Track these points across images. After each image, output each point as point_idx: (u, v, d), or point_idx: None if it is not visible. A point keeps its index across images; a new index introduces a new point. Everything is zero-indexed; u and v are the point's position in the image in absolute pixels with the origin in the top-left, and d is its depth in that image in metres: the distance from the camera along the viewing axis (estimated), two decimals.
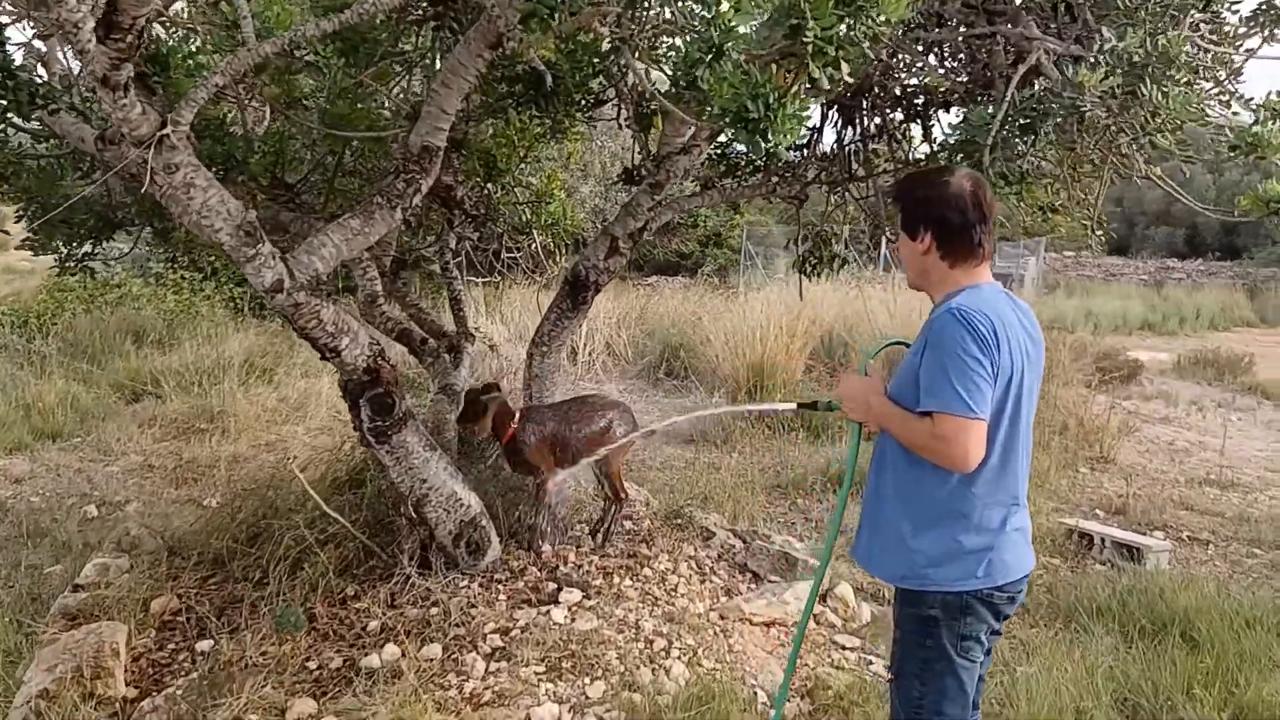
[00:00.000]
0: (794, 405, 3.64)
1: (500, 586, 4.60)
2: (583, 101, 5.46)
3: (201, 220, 3.71)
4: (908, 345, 2.98)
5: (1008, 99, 3.64)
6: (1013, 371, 2.49)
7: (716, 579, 4.97)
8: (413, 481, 4.49)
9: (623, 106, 5.25)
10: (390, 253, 6.39)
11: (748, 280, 19.16)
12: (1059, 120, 3.62)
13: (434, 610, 4.35)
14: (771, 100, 3.08)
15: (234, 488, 6.94)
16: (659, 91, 3.90)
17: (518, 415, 4.74)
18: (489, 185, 6.54)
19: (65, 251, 5.60)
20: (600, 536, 5.16)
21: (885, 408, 2.65)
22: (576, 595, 4.48)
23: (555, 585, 4.59)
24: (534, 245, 7.26)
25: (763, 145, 3.20)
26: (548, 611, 4.33)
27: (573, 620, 4.28)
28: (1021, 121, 3.65)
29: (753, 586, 5.00)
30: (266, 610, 4.40)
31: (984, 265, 2.62)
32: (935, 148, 5.30)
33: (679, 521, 5.69)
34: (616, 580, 4.71)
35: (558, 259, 7.66)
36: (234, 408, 8.80)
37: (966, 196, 2.56)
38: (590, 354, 12.38)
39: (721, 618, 4.49)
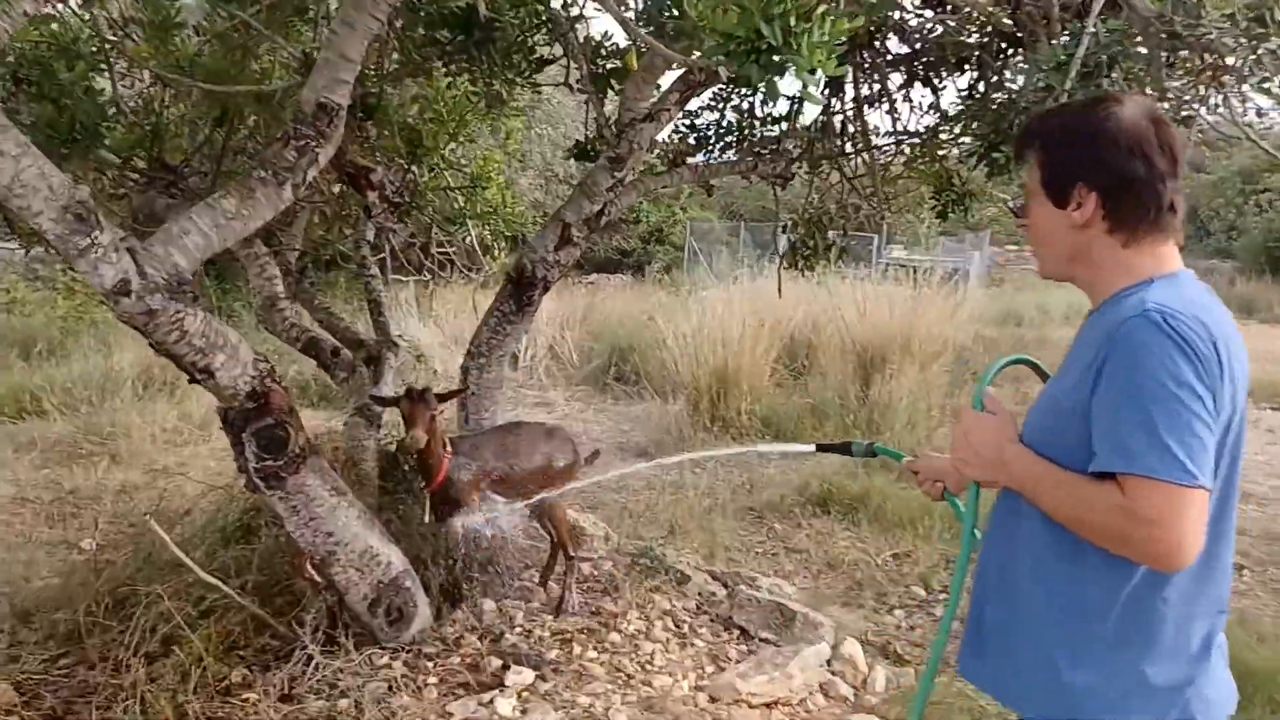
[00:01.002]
0: (812, 448, 2.78)
1: (430, 665, 3.64)
2: (523, 63, 4.53)
3: (14, 199, 2.73)
4: (1036, 365, 2.10)
5: (1089, 31, 2.77)
6: (1233, 411, 1.58)
7: (699, 640, 4.06)
8: (315, 536, 3.51)
9: (574, 65, 4.31)
10: (296, 246, 5.37)
11: (692, 278, 18.32)
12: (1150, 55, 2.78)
13: (343, 702, 3.38)
14: (792, 22, 2.23)
15: (114, 528, 5.89)
16: (633, 24, 2.97)
17: (446, 445, 3.79)
18: (414, 168, 5.56)
19: None
20: (557, 606, 4.21)
21: (1030, 465, 1.73)
22: (528, 676, 3.53)
23: (500, 662, 3.64)
24: (468, 238, 6.28)
25: (778, 86, 2.34)
26: (490, 701, 3.38)
27: (524, 713, 3.33)
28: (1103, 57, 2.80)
29: (743, 648, 4.09)
30: (123, 709, 3.38)
31: (1172, 243, 1.71)
32: (944, 117, 4.47)
33: (646, 562, 4.76)
34: (577, 650, 3.78)
35: (496, 254, 6.71)
36: (127, 428, 7.68)
37: (1148, 137, 1.63)
38: (532, 358, 11.40)
39: (712, 700, 3.58)
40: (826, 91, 4.77)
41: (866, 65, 4.41)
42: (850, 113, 4.80)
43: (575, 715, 3.34)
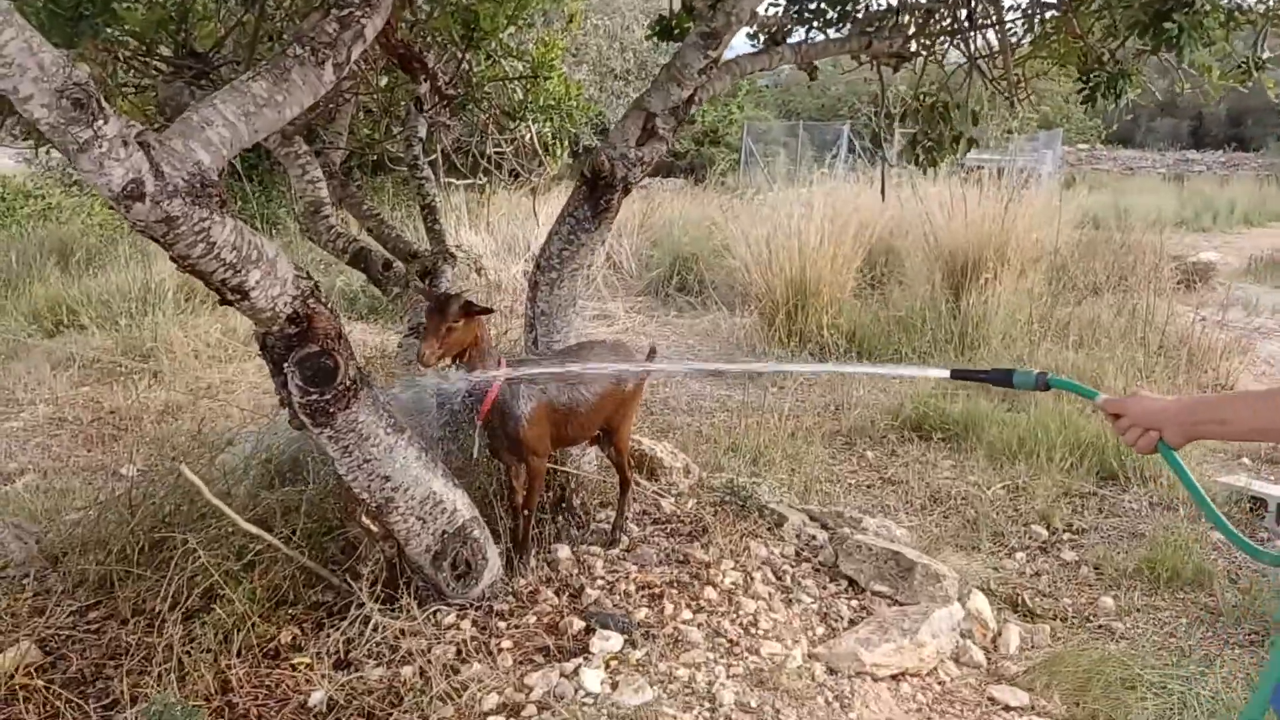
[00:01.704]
0: (946, 372, 2.19)
1: (503, 626, 3.17)
2: None
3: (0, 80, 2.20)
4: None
5: None
6: None
7: (804, 596, 3.55)
8: (370, 480, 3.02)
9: None
10: (341, 145, 4.82)
11: (749, 180, 17.51)
12: None
13: (406, 670, 2.93)
14: None
15: (156, 451, 5.49)
16: None
17: (502, 368, 3.28)
18: (468, 55, 4.95)
19: None
20: (609, 536, 3.76)
21: (1225, 396, 1.73)
22: (615, 641, 3.05)
23: (582, 623, 3.16)
24: (527, 135, 5.68)
25: None
26: (575, 671, 2.91)
27: (614, 688, 2.86)
28: None
29: (855, 604, 3.58)
30: (159, 672, 2.96)
31: None
32: None
33: (735, 500, 4.25)
34: (669, 609, 3.29)
35: (558, 153, 6.11)
36: (169, 343, 7.28)
37: None
38: (590, 267, 10.81)
39: (830, 671, 3.08)
40: None
41: None
42: None
43: (674, 690, 2.86)
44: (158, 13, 3.90)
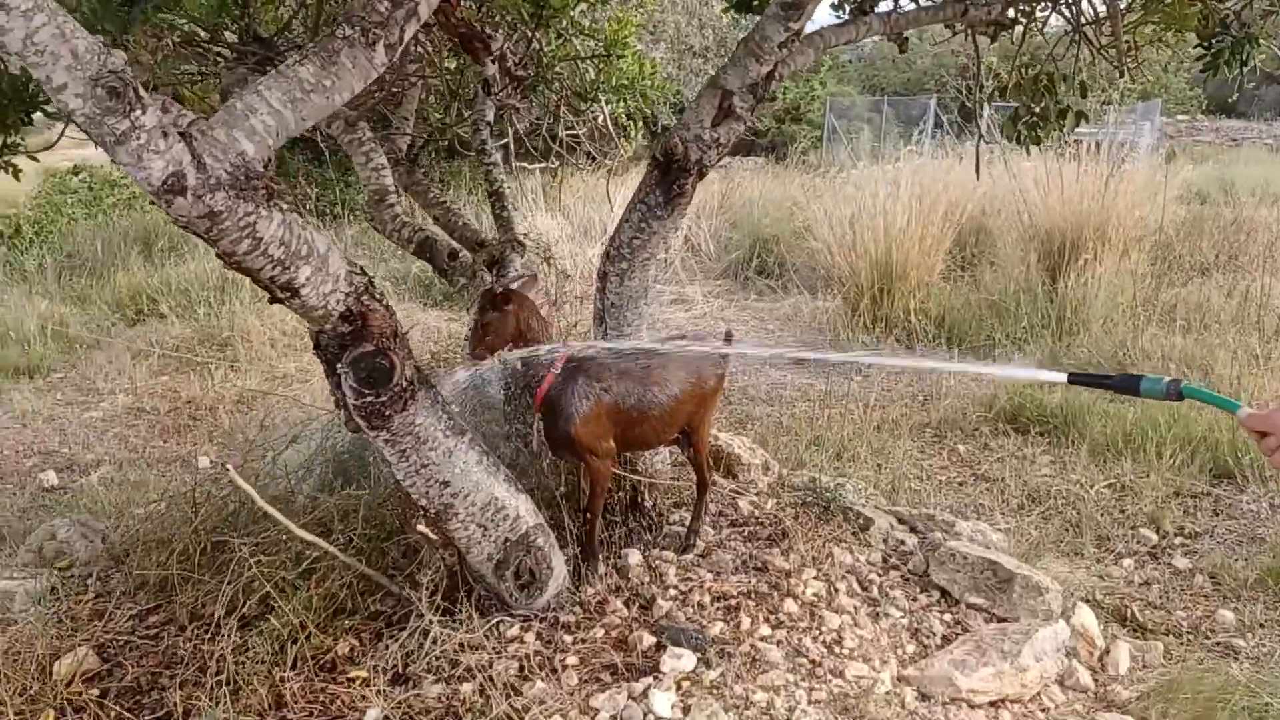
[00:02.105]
0: (1063, 377, 1.92)
1: (569, 640, 3.00)
2: None
3: (34, 69, 2.09)
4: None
5: None
6: None
7: (893, 609, 3.31)
8: (428, 485, 2.87)
9: None
10: (408, 131, 4.67)
11: (832, 158, 17.04)
12: None
13: (466, 687, 2.77)
14: None
15: (230, 444, 5.46)
16: None
17: (559, 361, 3.09)
18: (537, 34, 4.75)
19: None
20: (684, 541, 3.56)
21: None
22: (688, 660, 2.85)
23: (653, 639, 2.97)
24: (600, 117, 5.46)
25: None
26: (645, 693, 2.72)
27: (685, 712, 2.66)
28: None
29: (948, 618, 3.33)
30: (212, 684, 2.85)
31: None
32: None
33: (818, 500, 4.01)
34: (746, 623, 3.08)
35: (632, 135, 5.89)
36: (246, 331, 7.28)
37: None
38: (667, 250, 10.58)
39: (922, 697, 2.84)
40: None
41: None
42: None
43: (751, 717, 2.66)
44: None
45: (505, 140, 5.67)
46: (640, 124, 5.78)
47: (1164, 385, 1.76)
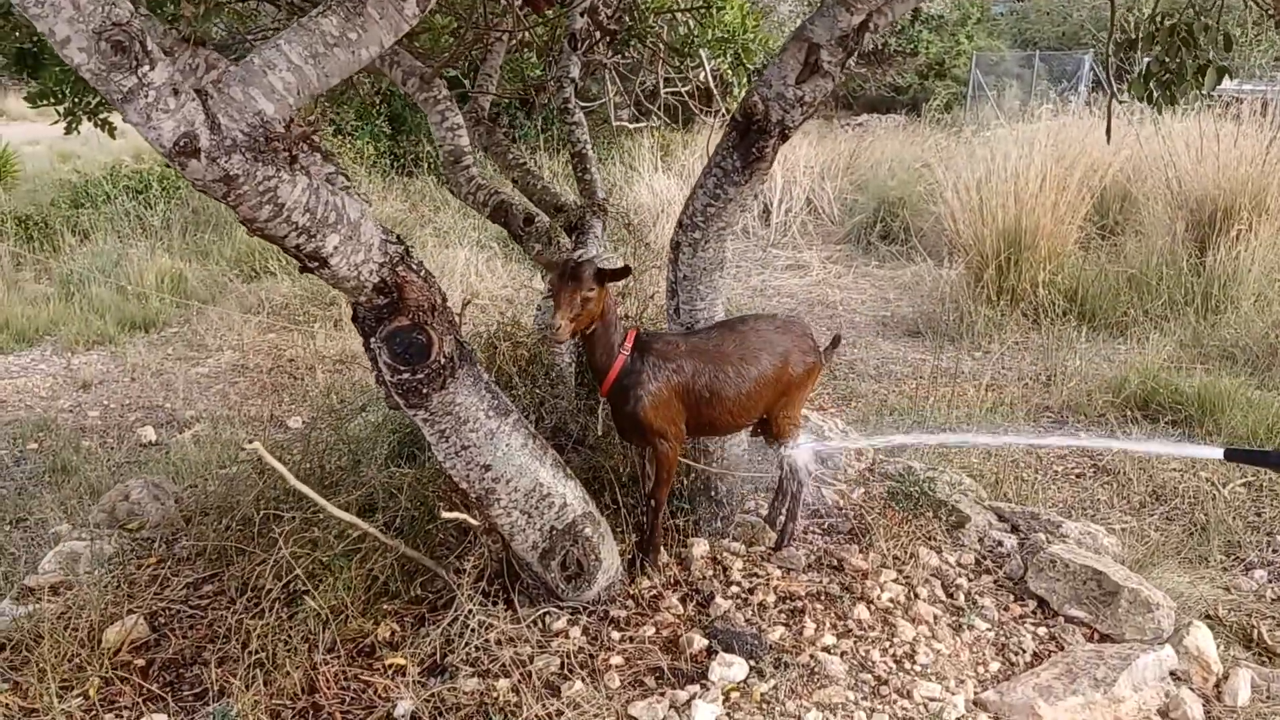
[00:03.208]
0: (1219, 453, 1.64)
1: (616, 637, 2.80)
2: None
3: (36, 20, 1.98)
4: None
5: None
6: None
7: (979, 620, 2.99)
8: (468, 468, 2.70)
9: None
10: (491, 88, 4.49)
11: (975, 116, 16.19)
12: None
13: (502, 683, 2.61)
14: None
15: (322, 404, 5.45)
16: None
17: (629, 340, 2.88)
18: None
19: (70, 103, 3.99)
20: (777, 539, 3.29)
21: None
22: (739, 669, 2.63)
23: (704, 642, 2.75)
24: (702, 73, 5.17)
25: None
26: (688, 703, 2.50)
27: None
28: None
29: (1042, 632, 3.00)
30: (254, 656, 2.77)
31: None
32: None
33: (909, 491, 3.70)
34: (810, 629, 2.83)
35: (737, 92, 5.57)
36: None
37: None
38: (787, 213, 10.22)
39: None
40: None
41: None
42: None
43: None
44: None
45: (602, 100, 5.45)
46: (746, 79, 5.46)
47: None
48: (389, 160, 11.55)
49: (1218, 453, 1.63)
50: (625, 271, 2.80)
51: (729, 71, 5.22)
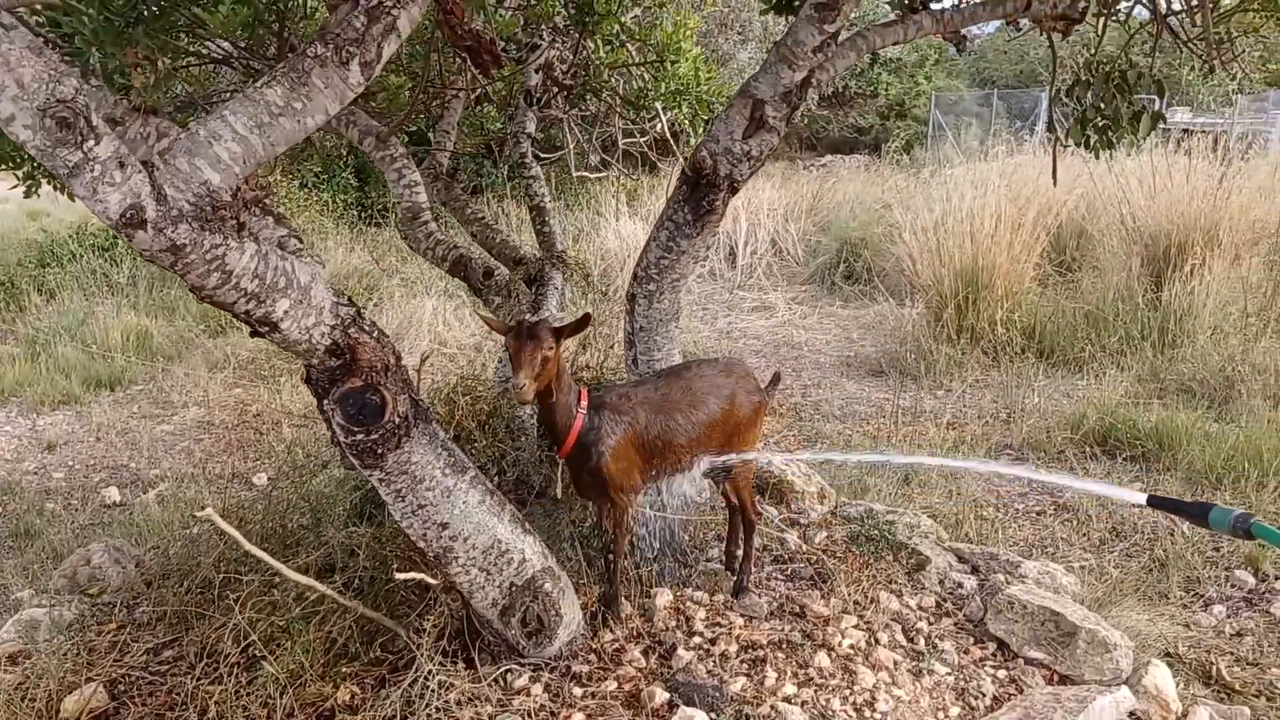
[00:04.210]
0: (1142, 498, 1.66)
1: (578, 694, 2.79)
2: None
3: None
4: None
5: None
6: None
7: (939, 665, 3.01)
8: (425, 527, 2.71)
9: None
10: (449, 144, 4.54)
11: (936, 155, 16.44)
12: None
13: None
14: None
15: (289, 459, 5.42)
16: None
17: (583, 399, 2.89)
18: (588, 42, 4.59)
19: (29, 166, 3.99)
20: (735, 583, 3.31)
21: None
22: None
23: (665, 695, 2.75)
24: (659, 125, 5.25)
25: None
26: None
27: None
28: None
29: (1002, 674, 3.02)
30: None
31: None
32: None
33: (871, 534, 3.73)
34: (770, 678, 2.83)
35: (694, 140, 5.65)
36: None
37: None
38: (752, 254, 10.32)
39: None
40: None
41: None
42: None
43: None
44: (242, 13, 3.70)
45: (563, 151, 5.51)
46: (701, 129, 5.55)
47: (1231, 519, 1.51)
48: (356, 211, 11.59)
49: (1141, 498, 1.65)
50: (584, 322, 2.79)
51: (686, 122, 5.30)
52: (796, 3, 3.52)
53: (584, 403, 2.87)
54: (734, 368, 3.20)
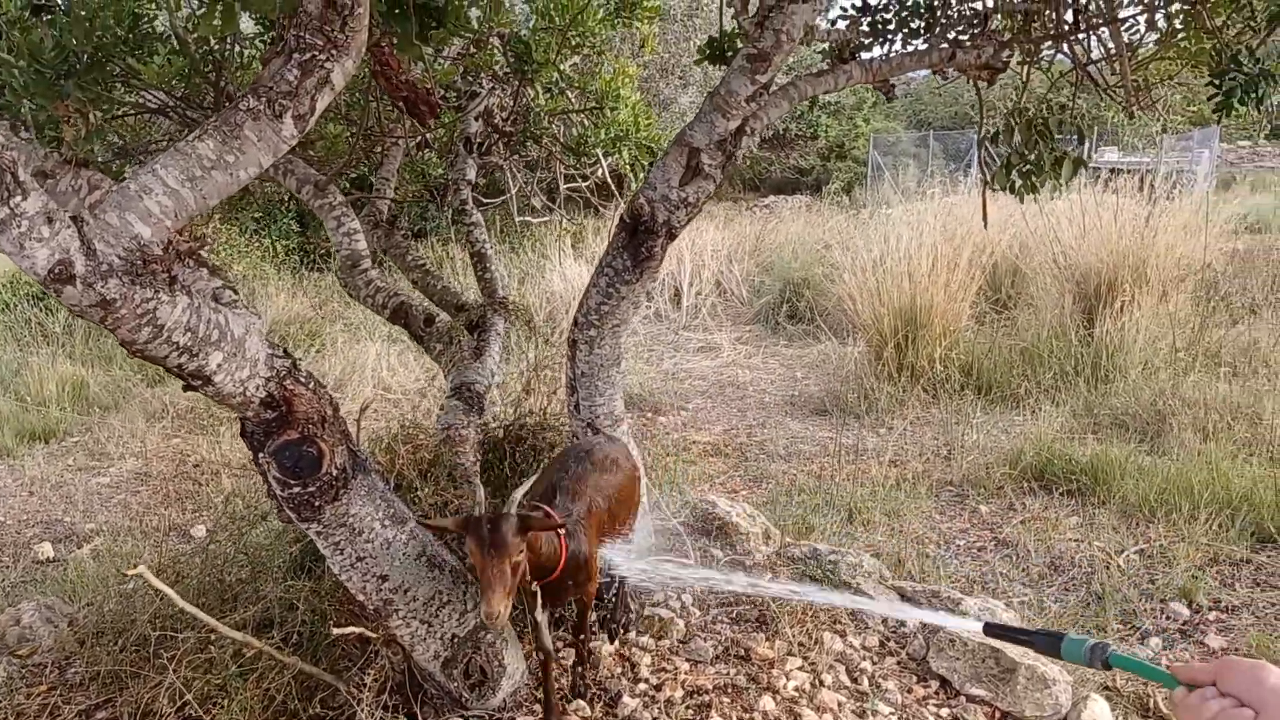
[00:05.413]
0: (978, 625, 1.51)
1: None
2: None
3: None
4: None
5: None
6: None
7: (883, 705, 3.03)
8: (365, 580, 2.68)
9: None
10: (389, 191, 4.54)
11: (875, 196, 16.73)
12: None
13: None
14: None
15: (228, 511, 5.32)
16: None
17: (552, 515, 2.59)
18: (528, 89, 4.63)
19: None
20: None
21: None
22: None
23: None
24: (599, 170, 5.30)
25: None
26: None
27: None
28: None
29: (945, 715, 3.04)
30: None
31: None
32: None
33: (815, 575, 3.75)
34: (715, 719, 2.83)
35: (634, 185, 5.72)
36: None
37: None
38: (697, 295, 10.40)
39: None
40: None
41: None
42: None
43: None
44: (178, 63, 3.68)
45: (504, 197, 5.54)
46: (642, 173, 5.61)
47: (1087, 650, 1.31)
48: (298, 256, 11.51)
49: (977, 626, 1.51)
50: (552, 525, 2.44)
51: (626, 167, 5.35)
52: (730, 54, 3.60)
53: (555, 517, 2.57)
54: (614, 441, 3.23)
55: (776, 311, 9.79)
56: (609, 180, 5.25)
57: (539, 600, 2.68)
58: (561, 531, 2.55)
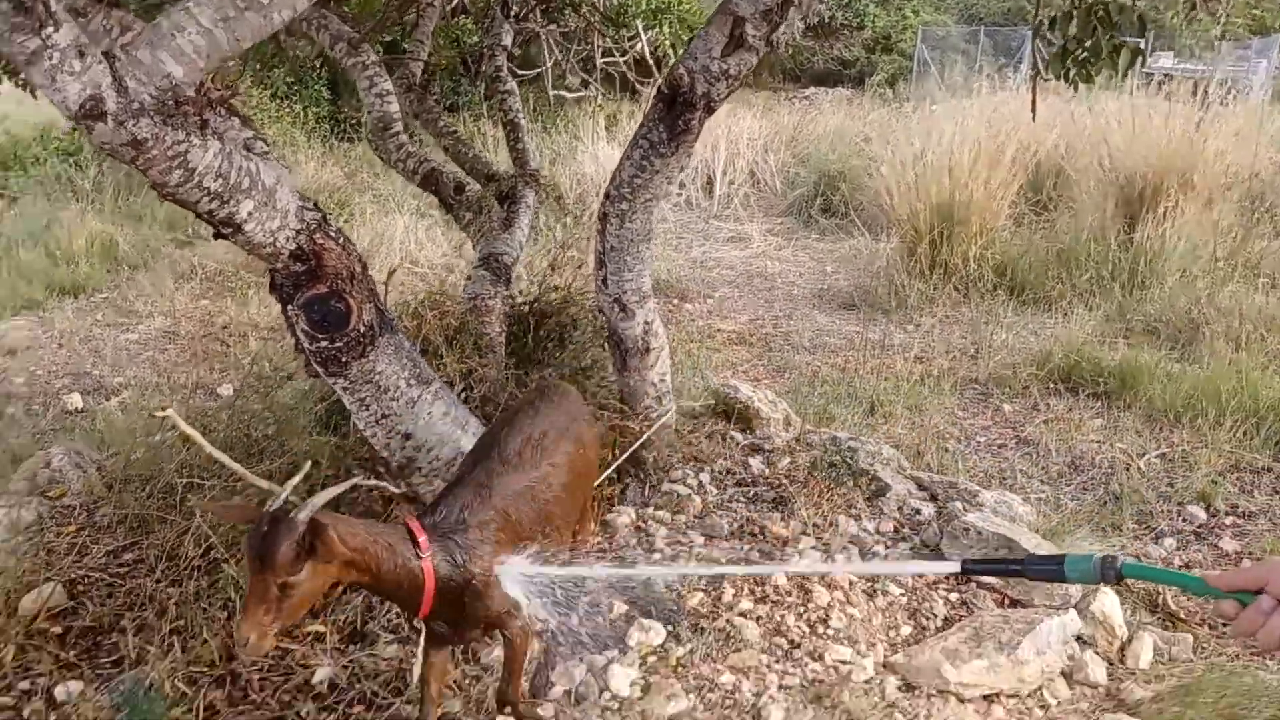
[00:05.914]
0: (956, 565, 1.43)
1: None
2: None
3: None
4: None
5: None
6: None
7: (894, 586, 3.07)
8: (389, 437, 2.72)
9: None
10: (423, 54, 4.45)
11: (920, 91, 16.29)
12: None
13: (417, 649, 2.63)
14: None
15: (252, 372, 5.39)
16: None
17: (420, 538, 2.00)
18: None
19: None
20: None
21: None
22: (657, 633, 2.68)
23: (625, 606, 2.79)
24: (639, 45, 5.17)
25: None
26: (605, 668, 2.55)
27: (645, 691, 2.49)
28: None
29: (954, 597, 3.08)
30: (172, 624, 2.77)
31: None
32: None
33: (833, 460, 3.77)
34: (729, 595, 2.88)
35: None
36: None
37: None
38: (730, 184, 10.25)
39: (906, 687, 2.62)
40: None
41: None
42: None
43: (713, 701, 2.47)
44: None
45: (538, 69, 5.43)
46: (681, 51, 5.48)
47: (1095, 565, 1.24)
48: (329, 125, 11.40)
49: (955, 566, 1.43)
50: (357, 541, 1.89)
51: (667, 43, 5.22)
52: None
53: (422, 543, 1.98)
54: (566, 400, 2.59)
55: (810, 204, 9.64)
56: (648, 57, 5.12)
57: (427, 638, 2.21)
58: (424, 551, 1.97)
